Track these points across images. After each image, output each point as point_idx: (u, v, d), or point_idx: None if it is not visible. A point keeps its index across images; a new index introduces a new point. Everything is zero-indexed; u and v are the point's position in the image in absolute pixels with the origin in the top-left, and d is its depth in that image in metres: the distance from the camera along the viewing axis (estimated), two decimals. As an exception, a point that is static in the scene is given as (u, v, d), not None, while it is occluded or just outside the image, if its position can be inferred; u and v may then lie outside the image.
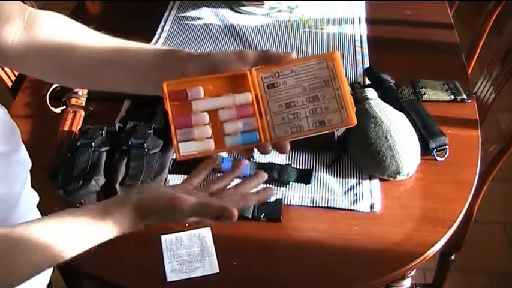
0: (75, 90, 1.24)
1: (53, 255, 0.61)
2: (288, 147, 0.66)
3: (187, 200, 0.65)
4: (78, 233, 0.62)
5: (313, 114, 0.64)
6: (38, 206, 0.91)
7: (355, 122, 0.63)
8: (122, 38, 0.75)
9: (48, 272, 0.94)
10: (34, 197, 0.90)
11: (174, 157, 1.06)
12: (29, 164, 0.87)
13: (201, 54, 0.69)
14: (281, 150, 0.66)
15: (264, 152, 0.65)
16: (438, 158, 1.11)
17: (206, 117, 0.65)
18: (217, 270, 0.94)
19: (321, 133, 0.64)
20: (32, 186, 0.89)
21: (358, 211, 1.03)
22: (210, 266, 0.95)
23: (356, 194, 1.06)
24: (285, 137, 0.65)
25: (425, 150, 1.10)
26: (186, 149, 0.64)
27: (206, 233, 0.99)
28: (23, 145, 0.85)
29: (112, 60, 0.73)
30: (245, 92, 0.65)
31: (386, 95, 1.19)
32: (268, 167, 1.09)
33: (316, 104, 0.64)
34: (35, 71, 0.79)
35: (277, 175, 1.08)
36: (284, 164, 1.10)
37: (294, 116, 0.65)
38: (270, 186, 0.69)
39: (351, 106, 0.64)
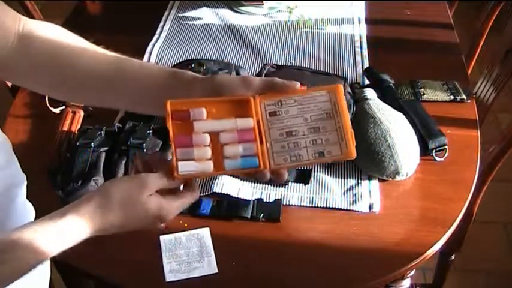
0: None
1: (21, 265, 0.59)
2: (286, 176, 0.67)
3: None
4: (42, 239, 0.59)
5: (313, 144, 0.65)
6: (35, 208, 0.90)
7: (354, 155, 0.64)
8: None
9: (47, 272, 0.93)
10: (30, 212, 0.88)
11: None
12: (23, 180, 0.85)
13: (206, 77, 0.69)
14: (278, 179, 0.67)
15: (262, 179, 0.66)
16: (437, 158, 1.11)
17: (207, 138, 0.66)
18: (216, 271, 0.94)
19: (319, 163, 0.65)
20: (30, 187, 0.88)
21: (357, 211, 1.03)
22: (209, 266, 0.95)
23: (355, 194, 1.06)
24: (284, 165, 0.65)
25: (425, 151, 1.10)
26: (185, 168, 0.65)
27: (205, 233, 0.99)
28: (15, 159, 0.83)
29: (113, 80, 0.72)
30: (247, 117, 0.66)
31: (386, 95, 1.19)
32: (267, 167, 1.09)
33: (317, 135, 0.65)
34: (28, 82, 0.77)
35: (277, 175, 1.08)
36: (283, 164, 1.10)
37: (294, 145, 0.65)
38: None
39: (352, 140, 0.65)
